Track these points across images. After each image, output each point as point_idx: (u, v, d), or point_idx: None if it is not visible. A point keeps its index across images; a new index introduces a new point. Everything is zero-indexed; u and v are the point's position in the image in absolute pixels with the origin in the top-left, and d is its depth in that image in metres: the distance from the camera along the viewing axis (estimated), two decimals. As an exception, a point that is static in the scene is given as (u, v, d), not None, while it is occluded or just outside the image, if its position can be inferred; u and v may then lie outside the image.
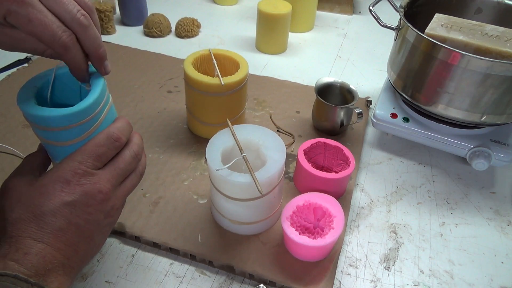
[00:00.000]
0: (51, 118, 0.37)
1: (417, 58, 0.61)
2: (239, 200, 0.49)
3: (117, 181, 0.40)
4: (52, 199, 0.36)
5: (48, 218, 0.36)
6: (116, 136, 0.40)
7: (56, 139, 0.39)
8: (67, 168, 0.37)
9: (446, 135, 0.65)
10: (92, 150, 0.38)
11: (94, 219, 0.38)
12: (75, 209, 0.37)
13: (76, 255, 0.37)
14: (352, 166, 0.58)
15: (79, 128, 0.38)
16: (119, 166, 0.40)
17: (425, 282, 0.52)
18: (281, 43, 0.97)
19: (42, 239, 0.35)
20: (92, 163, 0.38)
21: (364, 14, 1.17)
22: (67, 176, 0.37)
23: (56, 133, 0.38)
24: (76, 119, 0.38)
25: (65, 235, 0.36)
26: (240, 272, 0.51)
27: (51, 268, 0.35)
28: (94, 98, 0.39)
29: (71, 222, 0.37)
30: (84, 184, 0.37)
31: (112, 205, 0.40)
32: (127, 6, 1.02)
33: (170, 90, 0.81)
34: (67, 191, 0.37)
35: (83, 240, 0.38)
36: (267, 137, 0.52)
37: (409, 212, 0.61)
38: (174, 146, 0.67)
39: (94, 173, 0.38)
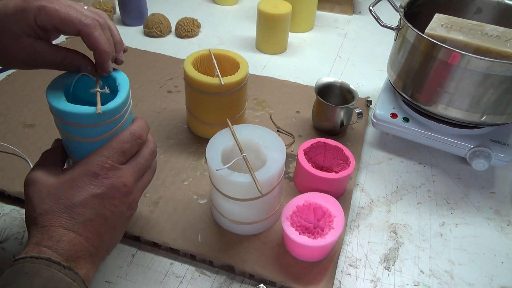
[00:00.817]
0: (83, 115, 0.39)
1: (417, 58, 0.61)
2: (239, 200, 0.49)
3: (138, 175, 0.43)
4: (82, 191, 0.39)
5: (79, 209, 0.38)
6: (138, 134, 0.43)
7: (82, 135, 0.41)
8: (95, 162, 0.40)
9: (446, 135, 0.65)
10: (118, 146, 0.41)
11: (119, 210, 0.41)
12: (103, 201, 0.39)
13: (101, 244, 0.40)
14: (352, 166, 0.58)
15: (106, 126, 0.41)
16: (140, 162, 0.43)
17: (425, 282, 0.52)
18: (281, 43, 0.97)
19: (73, 229, 0.38)
20: (117, 158, 0.41)
21: (364, 14, 1.17)
22: (96, 170, 0.39)
23: (84, 130, 0.40)
24: (105, 117, 0.40)
25: (93, 225, 0.39)
26: (240, 272, 0.51)
27: (80, 255, 0.37)
28: (122, 98, 0.42)
29: (99, 213, 0.39)
30: (111, 177, 0.40)
31: (133, 198, 0.43)
32: (127, 6, 1.02)
33: (170, 90, 0.81)
34: (96, 184, 0.39)
35: (108, 231, 0.41)
36: (267, 137, 0.52)
37: (409, 212, 0.61)
38: (174, 146, 0.67)
39: (119, 167, 0.41)
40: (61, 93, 0.41)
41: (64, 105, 0.40)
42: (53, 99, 0.40)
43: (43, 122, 0.70)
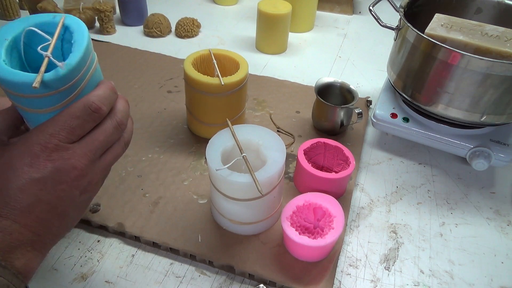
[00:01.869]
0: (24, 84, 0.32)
1: (417, 58, 0.61)
2: (239, 200, 0.49)
3: (95, 155, 0.37)
4: (20, 174, 0.33)
5: (15, 194, 0.33)
6: (95, 107, 0.35)
7: (30, 106, 0.35)
8: (36, 141, 0.34)
9: (446, 135, 0.65)
10: (66, 122, 0.34)
11: (68, 195, 0.35)
12: (45, 186, 0.34)
13: (48, 231, 0.35)
14: (352, 166, 0.58)
15: (56, 96, 0.34)
16: (98, 138, 0.36)
17: (425, 282, 0.52)
18: (281, 43, 0.97)
19: (8, 216, 0.33)
20: (65, 136, 0.34)
21: (364, 14, 1.17)
22: (36, 150, 0.34)
23: (30, 100, 0.34)
24: (53, 86, 0.33)
25: (35, 212, 0.34)
26: (240, 272, 0.51)
27: (18, 245, 0.33)
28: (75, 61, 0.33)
29: (41, 199, 0.34)
30: (56, 160, 0.34)
31: (89, 180, 0.37)
32: (127, 6, 1.02)
33: (170, 90, 0.81)
34: (36, 167, 0.33)
35: (56, 217, 0.35)
36: (267, 137, 0.52)
37: (409, 212, 0.61)
38: (174, 146, 0.67)
39: (68, 147, 0.35)
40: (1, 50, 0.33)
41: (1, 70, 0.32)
42: None
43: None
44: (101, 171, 0.38)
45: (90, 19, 1.01)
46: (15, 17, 1.04)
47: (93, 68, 0.36)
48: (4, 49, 0.33)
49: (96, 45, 0.94)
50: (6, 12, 1.02)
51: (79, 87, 0.35)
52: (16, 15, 1.04)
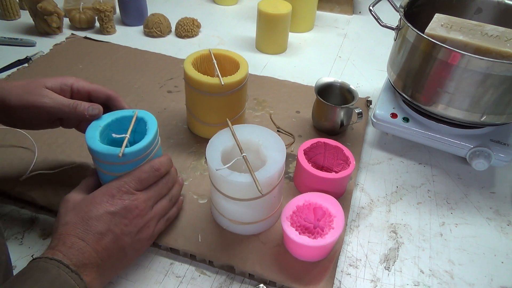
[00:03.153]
0: (111, 155, 0.46)
1: (417, 58, 0.61)
2: (239, 200, 0.49)
3: (151, 202, 0.48)
4: (98, 207, 0.44)
5: (93, 222, 0.43)
6: (157, 167, 0.49)
7: (109, 170, 0.48)
8: (114, 185, 0.46)
9: (446, 135, 0.65)
10: (137, 175, 0.47)
11: (129, 230, 0.45)
12: (114, 218, 0.44)
13: (109, 260, 0.44)
14: (352, 166, 0.58)
15: (131, 164, 0.47)
16: (155, 189, 0.49)
17: (425, 282, 0.52)
18: (281, 43, 0.97)
19: (85, 239, 0.42)
20: (134, 185, 0.47)
21: (364, 14, 1.17)
22: (113, 191, 0.46)
23: (111, 166, 0.47)
24: (129, 157, 0.47)
25: (103, 239, 0.43)
26: (240, 272, 0.51)
27: (88, 263, 0.41)
28: (147, 142, 0.48)
29: (110, 229, 0.44)
30: (125, 199, 0.46)
31: (145, 221, 0.47)
32: (127, 6, 1.02)
33: (170, 90, 0.81)
34: (111, 203, 0.45)
35: (117, 249, 0.44)
36: (267, 137, 0.52)
37: (409, 212, 0.61)
38: (174, 146, 0.67)
39: (135, 192, 0.47)
40: (96, 132, 0.48)
41: (94, 144, 0.47)
42: (88, 138, 0.47)
43: (43, 122, 0.70)
44: (152, 218, 0.48)
45: (90, 19, 1.01)
46: (15, 17, 1.04)
47: (157, 146, 0.51)
48: (99, 132, 0.48)
49: (96, 45, 0.94)
50: (6, 12, 1.02)
51: (147, 159, 0.49)
52: (16, 15, 1.04)
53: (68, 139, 0.66)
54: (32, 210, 0.57)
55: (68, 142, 0.66)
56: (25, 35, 0.97)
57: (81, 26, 1.01)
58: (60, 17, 0.96)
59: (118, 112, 0.52)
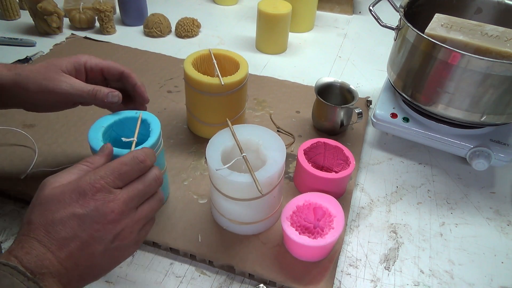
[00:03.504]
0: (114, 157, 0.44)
1: (417, 58, 0.61)
2: (239, 200, 0.49)
3: (133, 202, 0.40)
4: (66, 208, 0.37)
5: (57, 226, 0.36)
6: (141, 158, 0.41)
7: None
8: (87, 180, 0.38)
9: (446, 135, 0.65)
10: (116, 167, 0.39)
11: (100, 237, 0.38)
12: (83, 223, 0.37)
13: (75, 269, 0.37)
14: (352, 166, 0.58)
15: None
16: (138, 187, 0.40)
17: (425, 282, 0.52)
18: (281, 43, 0.97)
19: (46, 244, 0.36)
20: (112, 180, 0.39)
21: (364, 14, 1.17)
22: (85, 188, 0.38)
23: None
24: None
25: (68, 246, 0.36)
26: (240, 272, 0.51)
27: (46, 272, 0.35)
28: (151, 143, 0.47)
29: (76, 234, 0.37)
30: (98, 199, 0.38)
31: (123, 227, 0.39)
32: (127, 6, 1.02)
33: (170, 90, 0.81)
34: (81, 203, 0.37)
35: (85, 256, 0.38)
36: (267, 137, 0.52)
37: (409, 212, 0.61)
38: (174, 146, 0.67)
39: (112, 191, 0.39)
40: (99, 133, 0.48)
41: (98, 146, 0.46)
42: (91, 139, 0.47)
43: (43, 122, 0.70)
44: (136, 222, 0.40)
45: (90, 19, 1.01)
46: (15, 17, 1.04)
47: (160, 148, 0.51)
48: (101, 133, 0.48)
49: (96, 45, 0.94)
50: (6, 12, 1.02)
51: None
52: (17, 15, 1.04)
53: (68, 139, 0.66)
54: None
55: (68, 142, 0.66)
56: (25, 35, 0.97)
57: (81, 26, 1.01)
58: (60, 17, 0.96)
59: (121, 113, 0.52)
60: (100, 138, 0.48)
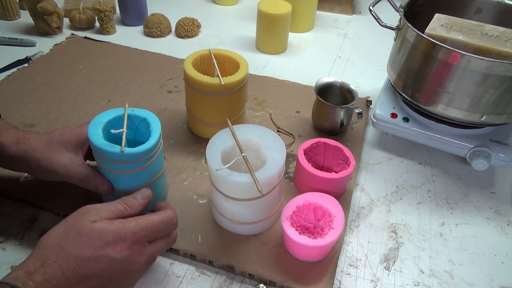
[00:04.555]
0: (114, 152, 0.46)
1: (417, 58, 0.61)
2: (239, 200, 0.49)
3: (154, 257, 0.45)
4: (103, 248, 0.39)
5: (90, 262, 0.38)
6: (175, 221, 0.46)
7: (114, 168, 0.48)
8: (131, 228, 0.41)
9: (446, 135, 0.65)
10: (155, 224, 0.43)
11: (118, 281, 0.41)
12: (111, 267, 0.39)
13: None
14: (352, 166, 0.58)
15: (135, 164, 0.47)
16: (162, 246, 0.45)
17: (425, 282, 0.52)
18: (281, 43, 0.97)
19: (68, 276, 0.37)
20: (150, 234, 0.42)
21: (364, 14, 1.17)
22: (127, 235, 0.41)
23: (115, 164, 0.47)
24: (134, 157, 0.47)
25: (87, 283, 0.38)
26: (240, 272, 0.51)
27: None
28: (151, 144, 0.48)
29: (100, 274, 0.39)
30: (133, 250, 0.41)
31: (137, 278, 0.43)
32: (127, 6, 1.02)
33: (170, 90, 0.81)
34: (118, 248, 0.40)
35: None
36: (267, 137, 0.52)
37: (409, 212, 0.61)
38: (174, 146, 0.67)
39: (146, 245, 0.42)
40: (98, 129, 0.48)
41: (98, 141, 0.47)
42: (91, 135, 0.47)
43: (43, 122, 0.70)
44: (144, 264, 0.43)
45: (90, 19, 1.01)
46: (15, 17, 1.04)
47: (160, 148, 0.51)
48: (101, 129, 0.48)
49: (96, 45, 0.94)
50: (7, 12, 1.02)
51: (151, 160, 0.49)
52: (16, 15, 1.04)
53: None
54: (32, 210, 0.57)
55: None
56: (25, 35, 0.97)
57: (81, 26, 1.01)
58: (60, 17, 0.96)
59: (120, 109, 0.52)
60: (100, 134, 0.48)
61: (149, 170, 0.50)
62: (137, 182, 0.50)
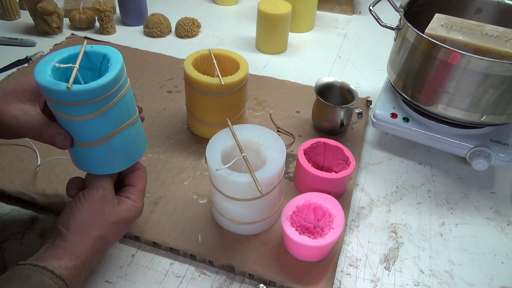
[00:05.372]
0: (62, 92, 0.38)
1: (417, 58, 0.61)
2: (239, 200, 0.49)
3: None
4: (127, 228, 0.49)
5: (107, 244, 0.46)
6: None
7: (68, 113, 0.41)
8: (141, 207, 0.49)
9: (446, 135, 0.65)
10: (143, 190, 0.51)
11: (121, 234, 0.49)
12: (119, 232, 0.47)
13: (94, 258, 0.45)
14: (352, 166, 0.58)
15: (92, 105, 0.40)
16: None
17: (425, 282, 0.52)
18: (281, 43, 0.97)
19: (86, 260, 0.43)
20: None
21: (364, 14, 1.17)
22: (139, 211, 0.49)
23: (68, 108, 0.40)
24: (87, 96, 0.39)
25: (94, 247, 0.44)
26: (240, 272, 0.51)
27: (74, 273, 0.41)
28: (108, 79, 0.40)
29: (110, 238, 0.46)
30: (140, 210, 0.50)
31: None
32: (127, 6, 1.02)
33: (170, 90, 0.81)
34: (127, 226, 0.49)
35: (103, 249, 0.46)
36: (267, 137, 0.52)
37: (409, 212, 0.61)
38: (174, 146, 0.67)
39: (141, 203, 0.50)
40: (47, 67, 0.41)
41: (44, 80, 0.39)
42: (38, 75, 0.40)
43: (43, 122, 0.70)
44: None
45: (90, 19, 1.01)
46: (15, 17, 1.04)
47: (124, 89, 0.43)
48: (50, 67, 0.41)
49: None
50: (6, 12, 1.02)
51: (110, 103, 0.41)
52: (16, 15, 1.04)
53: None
54: (32, 210, 0.57)
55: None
56: (25, 35, 0.97)
57: (81, 26, 1.01)
58: (60, 17, 0.96)
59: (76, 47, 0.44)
60: (48, 72, 0.40)
61: (110, 115, 0.42)
62: (98, 131, 0.42)
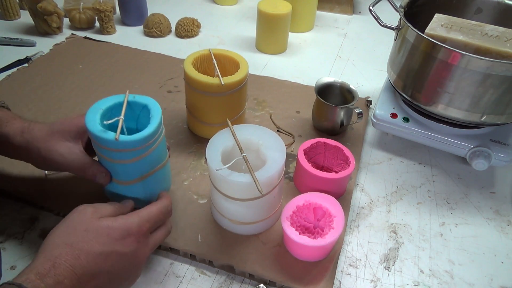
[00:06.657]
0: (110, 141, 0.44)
1: (417, 58, 0.61)
2: (239, 200, 0.49)
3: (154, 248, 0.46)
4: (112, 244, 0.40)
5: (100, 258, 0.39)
6: (170, 208, 0.48)
7: (112, 157, 0.46)
8: (134, 222, 0.43)
9: (446, 135, 0.65)
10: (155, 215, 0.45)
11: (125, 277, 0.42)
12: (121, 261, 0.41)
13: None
14: (352, 166, 0.58)
15: (134, 152, 0.45)
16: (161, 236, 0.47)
17: (425, 282, 0.52)
18: (281, 43, 0.97)
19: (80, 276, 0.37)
20: (152, 225, 0.45)
21: (364, 14, 1.17)
22: (133, 229, 0.42)
23: (113, 153, 0.45)
24: (131, 146, 0.45)
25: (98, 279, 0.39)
26: (240, 272, 0.51)
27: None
28: (150, 131, 0.46)
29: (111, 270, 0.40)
30: (140, 242, 0.43)
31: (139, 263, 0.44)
32: (127, 6, 1.02)
33: (170, 90, 0.81)
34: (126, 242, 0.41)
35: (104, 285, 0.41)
36: (267, 137, 0.52)
37: (409, 212, 0.61)
38: (174, 146, 0.67)
39: (149, 236, 0.45)
40: (96, 116, 0.46)
41: (94, 128, 0.45)
42: (88, 121, 0.45)
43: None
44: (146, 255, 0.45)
45: (90, 19, 1.01)
46: (15, 17, 1.04)
47: (161, 137, 0.49)
48: (99, 116, 0.46)
49: (96, 45, 0.94)
50: (7, 12, 1.02)
51: (148, 151, 0.47)
52: (16, 15, 1.04)
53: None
54: (32, 210, 0.57)
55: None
56: (25, 35, 0.97)
57: (81, 26, 1.01)
58: (60, 17, 0.96)
59: (120, 96, 0.50)
60: (97, 120, 0.46)
61: (148, 160, 0.48)
62: (136, 172, 0.48)
